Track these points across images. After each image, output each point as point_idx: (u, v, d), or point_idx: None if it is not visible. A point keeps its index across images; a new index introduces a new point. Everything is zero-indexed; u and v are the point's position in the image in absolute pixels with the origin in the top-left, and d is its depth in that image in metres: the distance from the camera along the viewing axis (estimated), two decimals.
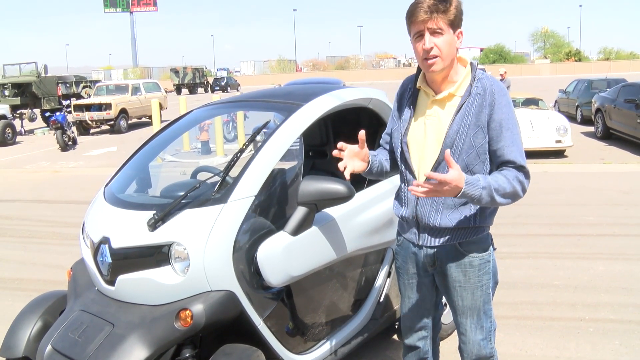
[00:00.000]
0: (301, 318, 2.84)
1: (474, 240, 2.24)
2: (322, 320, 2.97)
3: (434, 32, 2.08)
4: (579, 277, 4.82)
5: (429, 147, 2.22)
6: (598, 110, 13.58)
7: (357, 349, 3.21)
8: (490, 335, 2.37)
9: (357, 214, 2.96)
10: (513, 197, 2.12)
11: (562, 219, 6.63)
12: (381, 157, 2.42)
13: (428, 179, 1.97)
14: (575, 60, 72.42)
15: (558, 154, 11.14)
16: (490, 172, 2.17)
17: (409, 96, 2.31)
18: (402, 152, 2.30)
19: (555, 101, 18.85)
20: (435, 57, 2.10)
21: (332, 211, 2.78)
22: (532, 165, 10.25)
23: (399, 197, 2.39)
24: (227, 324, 2.46)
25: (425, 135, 2.23)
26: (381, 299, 3.39)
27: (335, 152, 2.22)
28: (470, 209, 2.21)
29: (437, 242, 2.26)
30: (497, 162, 2.16)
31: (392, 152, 2.42)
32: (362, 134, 2.23)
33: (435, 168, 2.18)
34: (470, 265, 2.25)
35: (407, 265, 2.43)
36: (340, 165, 2.20)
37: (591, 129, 14.39)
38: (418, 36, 2.12)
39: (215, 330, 2.45)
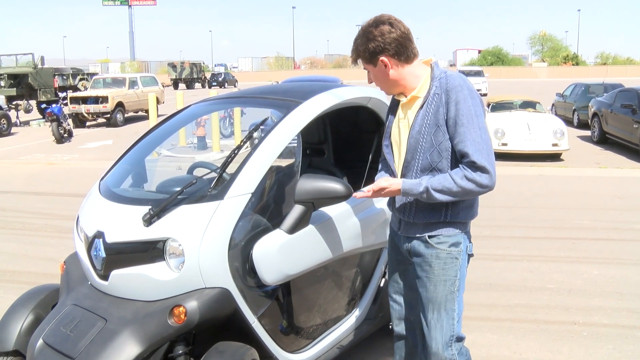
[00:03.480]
0: (295, 317, 2.83)
1: (443, 235, 2.35)
2: (316, 320, 2.96)
3: (368, 70, 2.42)
4: (573, 280, 4.82)
5: (402, 148, 2.40)
6: (595, 114, 13.61)
7: (351, 348, 3.20)
8: (450, 339, 2.38)
9: (354, 213, 2.94)
10: (466, 194, 2.23)
11: (557, 223, 6.64)
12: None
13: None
14: (573, 64, 72.57)
15: (554, 157, 11.16)
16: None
17: (393, 104, 2.54)
18: (384, 153, 2.53)
19: (552, 104, 18.87)
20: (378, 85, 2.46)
21: (328, 210, 2.77)
22: (528, 168, 10.31)
23: None
24: (221, 322, 2.44)
25: (399, 137, 2.42)
26: (376, 299, 3.38)
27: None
28: (442, 205, 2.32)
29: (412, 233, 2.42)
30: (458, 158, 2.25)
31: None
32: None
33: (404, 167, 2.37)
34: (436, 257, 2.36)
35: (393, 252, 2.64)
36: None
37: (587, 133, 14.42)
38: None
39: (209, 327, 2.43)
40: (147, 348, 2.30)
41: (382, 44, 2.26)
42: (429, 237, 2.36)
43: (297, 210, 2.55)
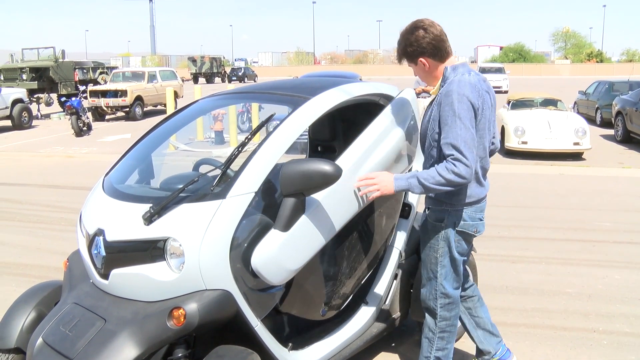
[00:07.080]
0: (300, 320, 2.75)
1: (435, 210, 2.80)
2: (322, 322, 2.87)
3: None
4: (593, 285, 4.66)
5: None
6: (619, 113, 13.29)
7: (359, 352, 3.11)
8: (434, 294, 2.81)
9: (341, 183, 2.75)
10: (447, 183, 2.52)
11: (577, 224, 6.46)
12: None
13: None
14: (597, 62, 71.29)
15: (575, 156, 10.92)
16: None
17: None
18: None
19: (575, 102, 18.50)
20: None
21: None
22: (548, 167, 10.10)
23: None
24: (222, 325, 2.37)
25: None
26: (386, 301, 3.27)
27: None
28: None
29: (426, 205, 2.93)
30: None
31: None
32: None
33: (421, 148, 2.86)
34: (425, 225, 2.86)
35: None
36: None
37: (611, 132, 14.10)
38: None
39: (210, 330, 2.36)
40: (145, 350, 2.24)
41: (418, 48, 2.65)
42: (427, 208, 2.86)
43: (287, 204, 2.42)
